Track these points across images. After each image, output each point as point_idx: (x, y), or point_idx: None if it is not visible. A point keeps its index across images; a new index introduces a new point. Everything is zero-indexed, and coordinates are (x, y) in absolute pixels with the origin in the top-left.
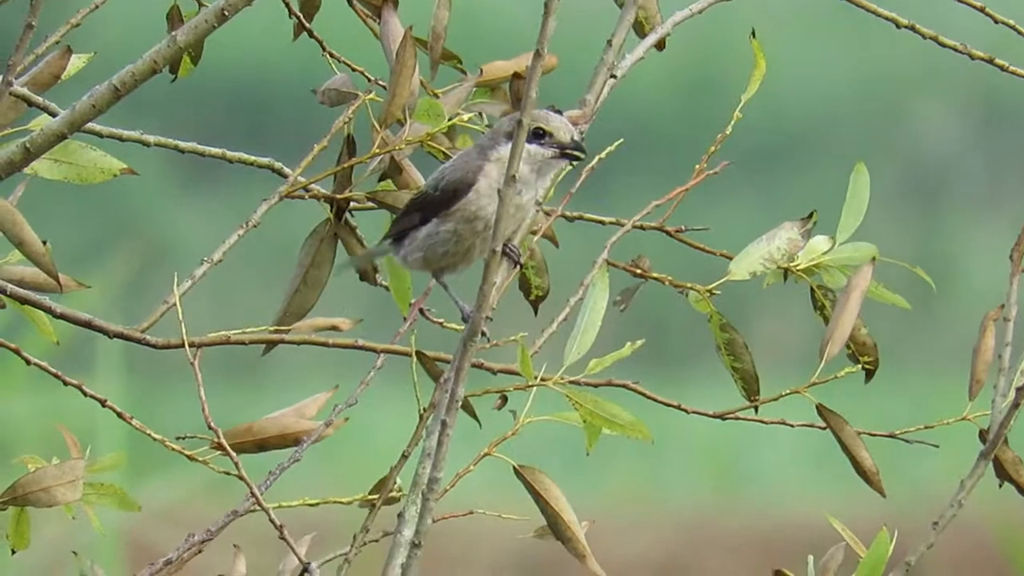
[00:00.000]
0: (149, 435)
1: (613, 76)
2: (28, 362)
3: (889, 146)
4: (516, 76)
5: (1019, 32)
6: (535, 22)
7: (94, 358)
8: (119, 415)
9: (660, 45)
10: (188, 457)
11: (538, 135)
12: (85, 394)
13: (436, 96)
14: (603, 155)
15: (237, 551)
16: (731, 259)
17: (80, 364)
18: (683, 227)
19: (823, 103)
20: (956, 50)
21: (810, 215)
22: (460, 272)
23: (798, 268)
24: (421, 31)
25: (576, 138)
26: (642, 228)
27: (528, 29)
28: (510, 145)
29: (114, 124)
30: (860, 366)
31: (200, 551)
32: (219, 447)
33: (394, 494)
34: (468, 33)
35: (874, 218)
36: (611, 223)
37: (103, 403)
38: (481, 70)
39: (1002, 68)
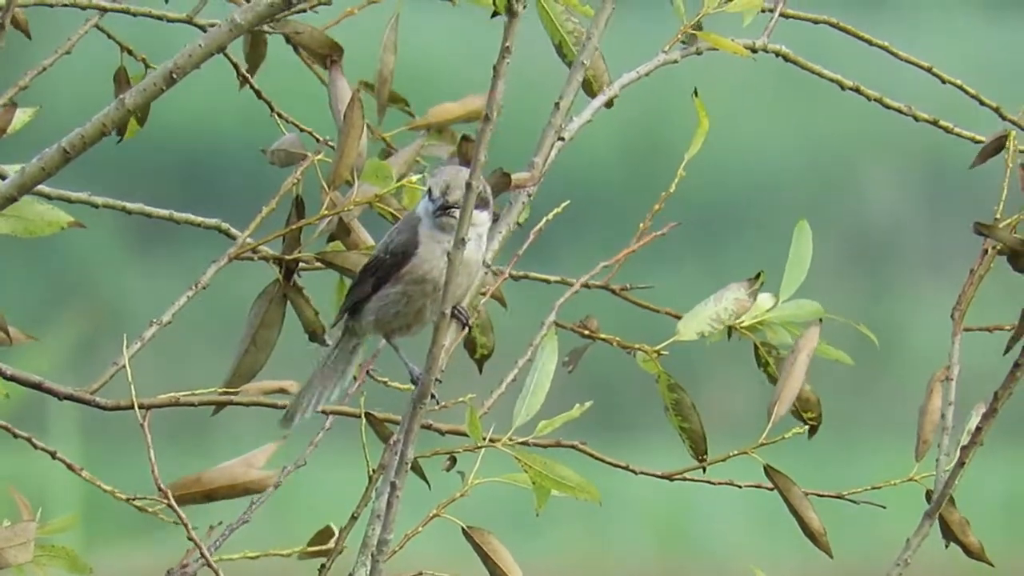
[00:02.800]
0: (99, 487)
1: (561, 138)
2: None
3: (834, 209)
4: (465, 138)
5: (966, 92)
6: (478, 66)
7: (46, 420)
8: (69, 466)
9: (608, 105)
10: (138, 509)
11: (429, 195)
12: (35, 446)
13: (386, 141)
14: (550, 217)
15: None
16: (678, 318)
17: (32, 426)
18: (628, 285)
19: (769, 166)
20: (901, 112)
21: (757, 276)
22: (414, 333)
23: (742, 326)
24: (367, 73)
25: (442, 193)
26: (587, 287)
27: (471, 72)
28: (422, 203)
29: (62, 185)
30: (805, 424)
31: None
32: (169, 505)
33: (338, 546)
34: (411, 78)
35: (819, 281)
36: (557, 282)
37: (53, 455)
38: (413, 114)
39: (947, 130)
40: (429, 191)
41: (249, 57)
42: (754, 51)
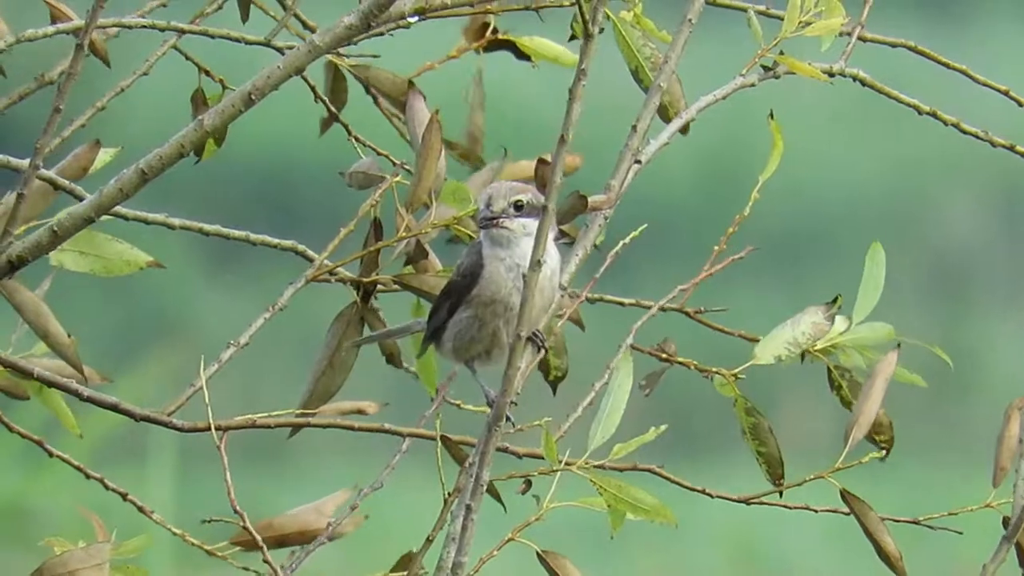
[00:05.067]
0: (169, 529)
1: (638, 162)
2: (51, 454)
3: (911, 234)
4: (541, 161)
5: None
6: (557, 102)
7: (146, 447)
8: (140, 509)
9: (684, 130)
10: (208, 553)
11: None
12: (107, 487)
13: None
14: (627, 240)
15: None
16: (754, 341)
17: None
18: (703, 308)
19: (846, 190)
20: (978, 137)
21: (835, 299)
22: (495, 359)
23: (815, 349)
24: (443, 117)
25: (488, 207)
26: (663, 310)
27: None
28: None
29: (139, 207)
30: (879, 447)
31: None
32: (243, 540)
33: (413, 569)
34: (494, 123)
35: (897, 306)
36: (631, 305)
37: (124, 496)
38: (505, 150)
39: (1023, 155)
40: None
41: (331, 98)
42: (831, 75)
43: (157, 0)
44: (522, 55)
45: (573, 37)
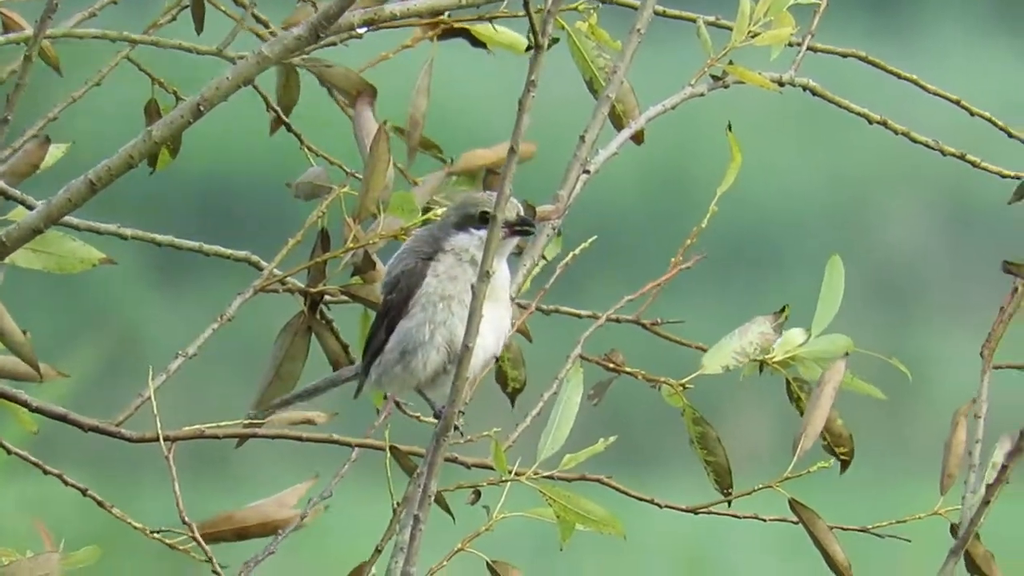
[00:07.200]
0: (130, 524)
1: (586, 171)
2: (8, 451)
3: (858, 243)
4: (490, 171)
5: (995, 124)
6: (511, 109)
7: (67, 450)
8: (100, 504)
9: (639, 139)
10: (168, 545)
11: (485, 219)
12: (66, 483)
13: (416, 184)
14: (577, 251)
15: None
16: (705, 352)
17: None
18: (659, 320)
19: (793, 200)
20: (928, 146)
21: (782, 310)
22: (444, 381)
23: (774, 360)
24: (400, 117)
25: (522, 213)
26: (617, 321)
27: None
28: (460, 235)
29: (90, 217)
30: (835, 459)
31: None
32: (195, 540)
33: None
34: (445, 120)
35: (843, 316)
36: (588, 316)
37: (84, 492)
38: (451, 159)
39: (975, 164)
40: (484, 215)
41: (282, 96)
42: (782, 85)
43: None
44: (477, 43)
45: (529, 47)
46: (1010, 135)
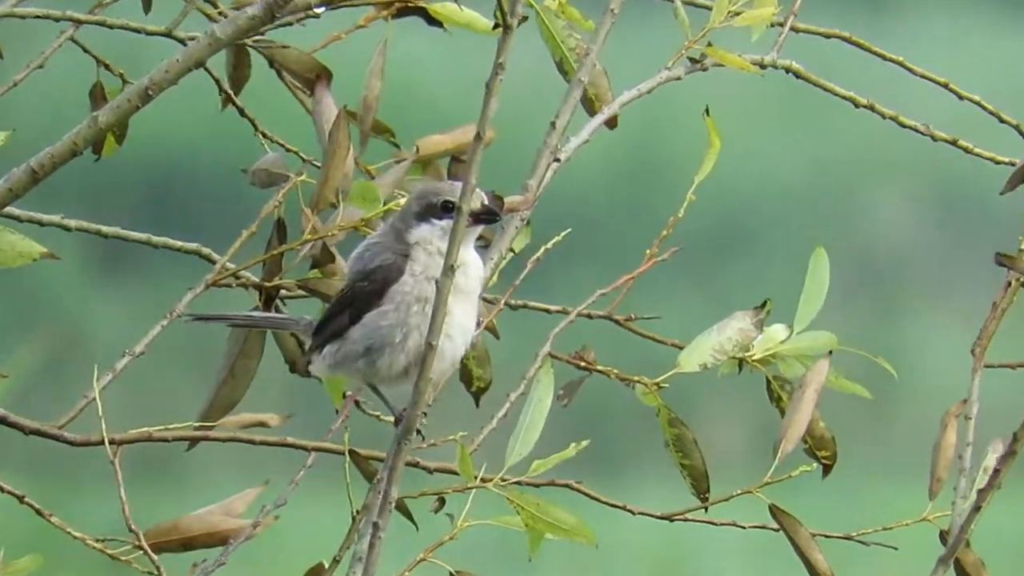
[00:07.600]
0: (70, 534)
1: (557, 160)
2: None
3: (842, 231)
4: (455, 159)
5: (985, 108)
6: (472, 92)
7: (6, 454)
8: (38, 512)
9: (612, 124)
10: (111, 557)
11: (448, 208)
12: (2, 489)
13: (368, 172)
14: (549, 246)
15: None
16: (681, 349)
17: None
18: (632, 316)
19: (774, 188)
20: (917, 131)
21: (763, 304)
22: (407, 377)
23: (754, 358)
24: (354, 98)
25: (486, 202)
26: (589, 317)
27: (465, 99)
28: (423, 226)
29: (32, 208)
30: (816, 463)
31: None
32: (141, 549)
33: None
34: (401, 104)
35: (825, 308)
36: (557, 312)
37: (21, 499)
38: (417, 148)
39: (966, 150)
40: (447, 204)
41: (232, 77)
42: (763, 67)
43: None
44: (433, 21)
45: (496, 26)
46: (1001, 120)
